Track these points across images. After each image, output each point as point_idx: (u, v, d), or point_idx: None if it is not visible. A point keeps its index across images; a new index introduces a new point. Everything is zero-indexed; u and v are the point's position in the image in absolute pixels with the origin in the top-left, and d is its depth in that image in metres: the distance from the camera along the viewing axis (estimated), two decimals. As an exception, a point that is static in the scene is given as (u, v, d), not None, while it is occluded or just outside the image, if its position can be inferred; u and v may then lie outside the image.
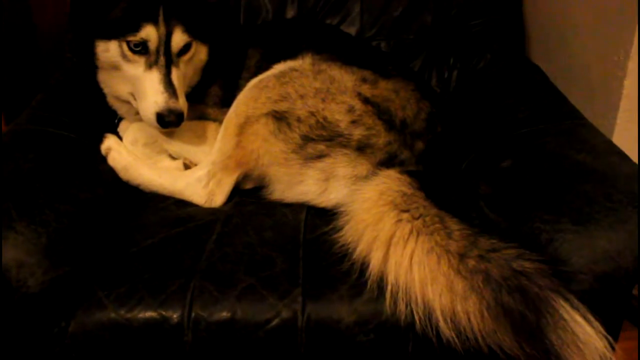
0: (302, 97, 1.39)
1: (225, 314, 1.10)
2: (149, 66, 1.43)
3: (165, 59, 1.43)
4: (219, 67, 1.59)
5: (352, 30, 1.89)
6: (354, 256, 1.17)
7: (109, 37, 1.45)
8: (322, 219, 1.32)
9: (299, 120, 1.37)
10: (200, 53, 1.54)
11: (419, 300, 1.08)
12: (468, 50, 1.85)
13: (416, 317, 1.08)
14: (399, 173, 1.27)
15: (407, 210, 1.18)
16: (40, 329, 1.11)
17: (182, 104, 1.42)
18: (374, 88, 1.43)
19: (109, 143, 1.49)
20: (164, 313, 1.10)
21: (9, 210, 1.13)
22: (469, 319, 1.04)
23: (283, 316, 1.10)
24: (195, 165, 1.52)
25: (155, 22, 1.41)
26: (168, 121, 1.40)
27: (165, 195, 1.45)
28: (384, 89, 1.44)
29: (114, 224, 1.31)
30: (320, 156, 1.36)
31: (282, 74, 1.44)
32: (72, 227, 1.18)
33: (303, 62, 1.48)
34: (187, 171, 1.49)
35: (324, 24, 1.88)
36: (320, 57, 1.50)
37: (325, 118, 1.37)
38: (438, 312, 1.06)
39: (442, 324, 1.05)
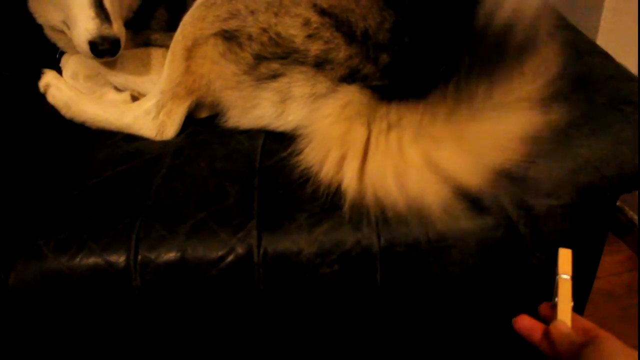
0: (252, 12, 1.26)
1: (174, 254, 1.00)
2: None
3: None
4: None
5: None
6: (318, 179, 1.07)
7: None
8: (280, 143, 1.21)
9: (250, 38, 1.24)
10: None
11: (428, 178, 1.01)
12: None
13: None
14: (360, 88, 1.16)
15: (375, 114, 1.09)
16: (-25, 283, 1.02)
17: (117, 29, 1.27)
18: None
19: (47, 79, 1.36)
20: (108, 258, 1.00)
21: None
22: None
23: (238, 252, 1.00)
24: (144, 96, 1.39)
25: None
26: (102, 50, 1.26)
27: (113, 131, 1.34)
28: None
29: (57, 166, 1.20)
30: (274, 76, 1.23)
31: None
32: (6, 172, 1.07)
33: None
34: (134, 103, 1.36)
35: None
36: None
37: (278, 34, 1.24)
38: (461, 174, 0.99)
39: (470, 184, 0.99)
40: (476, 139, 1.02)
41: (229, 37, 1.24)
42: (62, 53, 1.51)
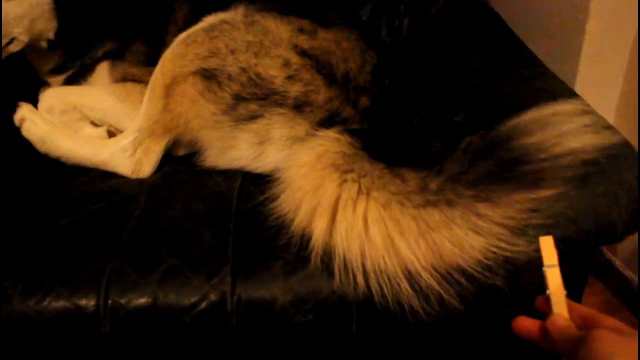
0: (233, 52, 1.25)
1: (145, 300, 0.98)
2: None
3: None
4: (139, 21, 1.43)
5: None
6: (292, 228, 1.05)
7: None
8: (258, 186, 1.19)
9: (229, 77, 1.23)
10: None
11: (387, 261, 0.96)
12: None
13: (373, 288, 0.96)
14: (338, 133, 1.15)
15: (350, 171, 1.06)
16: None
17: None
18: (312, 39, 1.29)
19: (23, 112, 1.34)
20: (77, 302, 0.98)
21: None
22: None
23: (211, 299, 0.98)
24: (121, 132, 1.37)
25: None
26: None
27: (89, 168, 1.31)
28: (324, 39, 1.31)
29: (29, 202, 1.17)
30: (253, 117, 1.23)
31: (212, 27, 1.29)
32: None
33: (235, 14, 1.33)
34: (110, 140, 1.34)
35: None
36: (254, 7, 1.35)
37: (258, 74, 1.23)
38: (417, 265, 0.94)
39: (425, 276, 0.94)
40: (441, 243, 0.96)
41: (209, 75, 1.24)
42: (43, 85, 1.50)
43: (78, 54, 1.44)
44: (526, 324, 0.81)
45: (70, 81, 1.47)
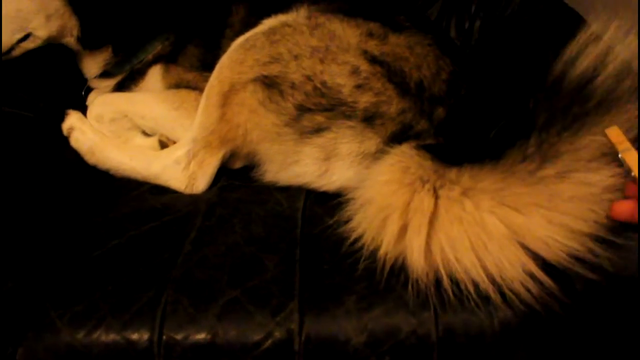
0: (296, 57, 1.15)
1: (204, 336, 0.88)
2: None
3: None
4: (192, 21, 1.34)
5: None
6: (374, 253, 0.94)
7: None
8: (325, 207, 1.09)
9: (292, 86, 1.13)
10: None
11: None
12: None
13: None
14: (414, 148, 1.03)
15: (441, 179, 0.96)
16: (-20, 358, 0.90)
17: None
18: (383, 44, 1.17)
19: (71, 121, 1.27)
20: (129, 336, 0.88)
21: None
22: None
23: (276, 337, 0.87)
24: (173, 142, 1.28)
25: None
26: None
27: (140, 181, 1.23)
28: (395, 44, 1.18)
29: (76, 220, 1.09)
30: (319, 130, 1.12)
31: (272, 31, 1.19)
32: (16, 229, 0.96)
33: (297, 16, 1.23)
34: (163, 151, 1.25)
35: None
36: (318, 7, 1.25)
37: (324, 83, 1.12)
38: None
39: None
40: (566, 204, 0.88)
41: (270, 83, 1.13)
42: (89, 89, 1.42)
43: (126, 56, 1.36)
44: (624, 207, 0.80)
45: (120, 87, 1.39)
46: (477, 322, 0.89)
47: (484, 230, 0.89)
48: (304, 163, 1.14)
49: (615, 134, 0.83)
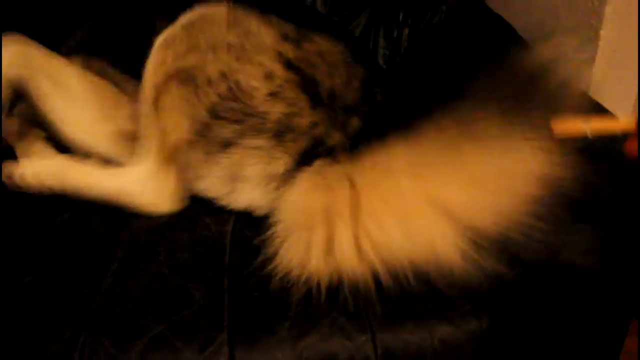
0: (213, 49, 1.09)
1: (126, 378, 0.81)
2: None
3: None
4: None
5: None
6: (289, 274, 0.90)
7: None
8: (254, 230, 1.04)
9: (209, 82, 1.06)
10: None
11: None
12: (420, 3, 1.57)
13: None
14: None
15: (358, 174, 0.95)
16: None
17: None
18: (297, 49, 1.13)
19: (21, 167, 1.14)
20: (45, 383, 0.81)
21: None
22: None
23: (205, 375, 0.82)
24: None
25: None
26: None
27: (58, 210, 1.14)
28: (308, 51, 1.14)
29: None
30: (226, 145, 1.06)
31: (191, 24, 1.13)
32: None
33: (216, 9, 1.16)
34: (125, 169, 1.15)
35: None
36: (237, 5, 1.19)
37: (237, 83, 1.06)
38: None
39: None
40: (486, 176, 0.87)
41: (186, 77, 1.07)
42: None
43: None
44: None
45: None
46: (416, 341, 0.87)
47: (408, 204, 0.87)
48: (210, 180, 1.09)
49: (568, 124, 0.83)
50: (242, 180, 1.07)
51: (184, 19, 1.14)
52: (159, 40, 1.12)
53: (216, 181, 1.08)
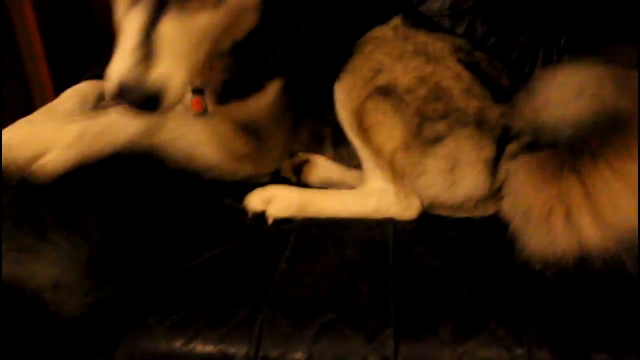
0: (399, 58, 1.16)
1: (300, 356, 0.89)
2: (131, 3, 0.90)
3: None
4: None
5: (443, 2, 1.63)
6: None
7: None
8: (412, 234, 1.10)
9: (408, 91, 1.13)
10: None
11: None
12: (583, 30, 1.56)
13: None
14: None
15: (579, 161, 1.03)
16: (80, 359, 0.93)
17: (159, 76, 0.86)
18: (471, 57, 1.21)
19: (268, 193, 1.19)
20: (226, 350, 0.90)
21: (44, 217, 0.95)
22: None
23: (371, 362, 0.88)
24: None
25: None
26: (130, 100, 0.87)
27: (228, 195, 1.24)
28: (478, 57, 1.23)
29: (169, 229, 1.12)
30: (439, 139, 1.12)
31: (364, 45, 1.20)
32: (119, 236, 1.00)
33: (382, 29, 1.24)
34: (365, 189, 1.21)
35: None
36: (404, 22, 1.26)
37: (437, 84, 1.13)
38: None
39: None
40: None
41: (385, 92, 1.14)
42: None
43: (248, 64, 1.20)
44: None
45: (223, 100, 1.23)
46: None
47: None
48: (431, 175, 1.14)
49: None
50: (462, 167, 1.12)
51: (356, 46, 1.21)
52: (342, 71, 1.19)
53: (436, 175, 1.13)
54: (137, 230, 1.05)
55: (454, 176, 1.12)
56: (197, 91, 1.19)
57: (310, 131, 1.32)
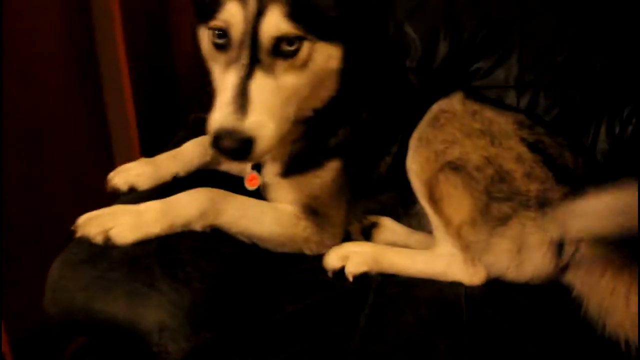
0: (468, 135, 1.24)
1: (382, 408, 0.96)
2: (228, 65, 1.06)
3: (249, 53, 1.04)
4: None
5: (508, 75, 1.72)
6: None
7: (201, 19, 1.13)
8: (483, 296, 1.17)
9: (477, 169, 1.21)
10: (324, 58, 1.13)
11: None
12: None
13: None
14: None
15: None
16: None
17: (253, 124, 1.01)
18: (533, 133, 1.28)
19: (344, 250, 1.27)
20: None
21: (152, 266, 1.06)
22: None
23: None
24: None
25: None
26: (223, 147, 1.01)
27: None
28: (540, 133, 1.29)
29: (256, 282, 1.21)
30: (505, 219, 1.19)
31: (435, 119, 1.29)
32: (215, 286, 1.10)
33: (451, 101, 1.32)
34: (435, 251, 1.27)
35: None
36: (468, 96, 1.35)
37: (500, 167, 1.21)
38: None
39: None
40: None
41: (456, 167, 1.22)
42: None
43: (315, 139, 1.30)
44: None
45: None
46: None
47: None
48: (498, 254, 1.20)
49: None
50: (527, 249, 1.18)
51: (427, 117, 1.30)
52: (414, 142, 1.28)
53: (503, 255, 1.20)
54: (230, 282, 1.14)
55: (520, 257, 1.19)
56: (255, 167, 1.32)
57: (365, 209, 1.40)
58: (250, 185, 1.32)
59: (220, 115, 1.01)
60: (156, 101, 2.19)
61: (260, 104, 1.02)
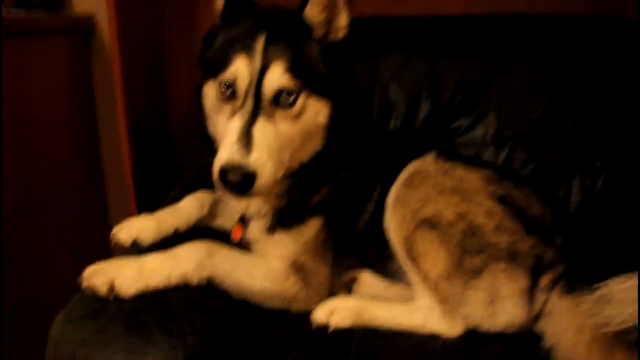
0: (441, 193, 1.33)
1: None
2: (233, 113, 1.21)
3: (253, 102, 1.19)
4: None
5: (486, 132, 1.83)
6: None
7: (207, 75, 1.29)
8: (460, 346, 1.24)
9: (450, 224, 1.29)
10: (315, 112, 1.27)
11: None
12: (617, 154, 1.73)
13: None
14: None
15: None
16: None
17: (256, 161, 1.15)
18: (501, 187, 1.37)
19: (332, 305, 1.33)
20: None
21: (149, 322, 1.13)
22: None
23: None
24: None
25: (249, 52, 1.21)
26: (229, 181, 1.14)
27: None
28: (508, 187, 1.38)
29: (247, 336, 1.27)
30: (478, 272, 1.27)
31: (410, 179, 1.38)
32: (209, 341, 1.16)
33: (424, 161, 1.42)
34: (414, 305, 1.34)
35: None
36: (440, 156, 1.45)
37: (471, 222, 1.29)
38: None
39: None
40: None
41: (431, 224, 1.30)
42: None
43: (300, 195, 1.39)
44: None
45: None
46: None
47: None
48: (472, 305, 1.27)
49: None
50: (500, 299, 1.26)
51: (402, 177, 1.39)
52: (391, 202, 1.37)
53: (478, 306, 1.27)
54: (223, 337, 1.21)
55: (493, 307, 1.26)
56: (241, 220, 1.43)
57: (348, 265, 1.46)
58: (234, 237, 1.44)
59: (227, 153, 1.15)
60: (152, 159, 2.29)
61: (262, 144, 1.16)
